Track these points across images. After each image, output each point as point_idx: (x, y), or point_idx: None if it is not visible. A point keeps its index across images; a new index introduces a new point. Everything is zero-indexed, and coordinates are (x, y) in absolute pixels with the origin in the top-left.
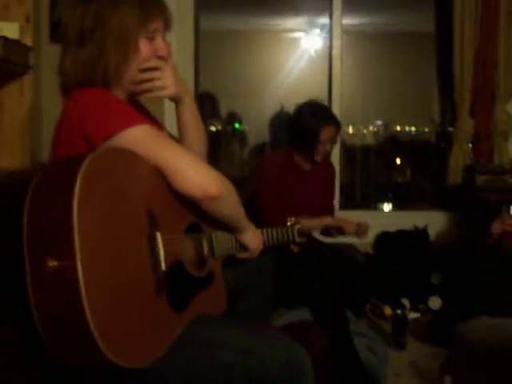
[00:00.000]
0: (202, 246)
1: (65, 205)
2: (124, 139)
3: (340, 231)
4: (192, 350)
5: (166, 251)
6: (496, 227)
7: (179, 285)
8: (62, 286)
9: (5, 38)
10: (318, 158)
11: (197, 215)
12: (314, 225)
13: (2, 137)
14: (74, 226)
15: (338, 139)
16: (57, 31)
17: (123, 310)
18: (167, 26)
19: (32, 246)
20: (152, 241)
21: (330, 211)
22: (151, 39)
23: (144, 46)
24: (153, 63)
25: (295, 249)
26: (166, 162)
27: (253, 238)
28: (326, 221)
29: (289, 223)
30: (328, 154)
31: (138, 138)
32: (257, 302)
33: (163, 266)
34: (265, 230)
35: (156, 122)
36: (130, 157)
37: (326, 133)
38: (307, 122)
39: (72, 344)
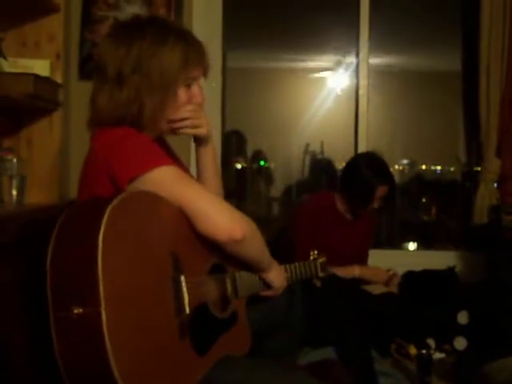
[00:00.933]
0: (225, 287)
1: (89, 251)
2: (149, 180)
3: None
4: None
5: (190, 294)
6: None
7: (203, 328)
8: (87, 333)
9: (35, 76)
10: (363, 212)
11: (220, 255)
12: (341, 274)
13: (32, 172)
14: (98, 272)
15: None
16: (85, 68)
17: (147, 356)
18: (205, 72)
19: (56, 294)
20: (176, 284)
21: (362, 260)
22: (189, 86)
23: (182, 94)
24: (191, 106)
25: (318, 283)
26: (190, 204)
27: (277, 276)
28: (354, 272)
29: (312, 257)
30: None
31: (162, 179)
32: (284, 342)
33: (187, 310)
34: (288, 266)
35: (180, 163)
36: (153, 200)
37: (380, 191)
38: (366, 176)
39: None
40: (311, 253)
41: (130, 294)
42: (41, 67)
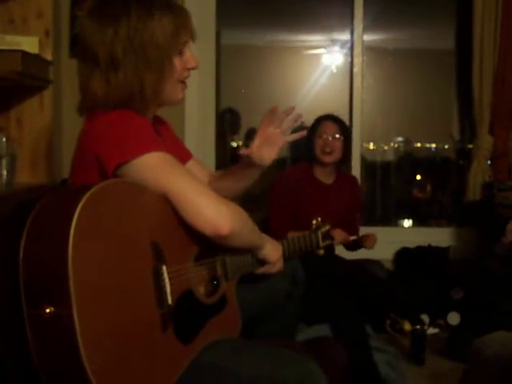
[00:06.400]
0: (215, 271)
1: (59, 248)
2: (136, 166)
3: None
4: (201, 378)
5: (172, 284)
6: (509, 235)
7: (188, 316)
8: (59, 332)
9: (23, 53)
10: (322, 157)
11: (208, 240)
12: None
13: (22, 152)
14: (68, 271)
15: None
16: (77, 46)
17: (126, 354)
18: (193, 36)
19: (28, 290)
20: (157, 275)
21: (351, 225)
22: (181, 53)
23: (177, 62)
24: None
25: (321, 252)
26: (178, 193)
27: (271, 251)
28: None
29: (314, 226)
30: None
31: (151, 165)
32: (281, 325)
33: (169, 300)
34: (285, 241)
35: (182, 148)
36: (132, 189)
37: (324, 126)
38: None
39: None
40: (314, 221)
41: (105, 291)
42: (29, 44)
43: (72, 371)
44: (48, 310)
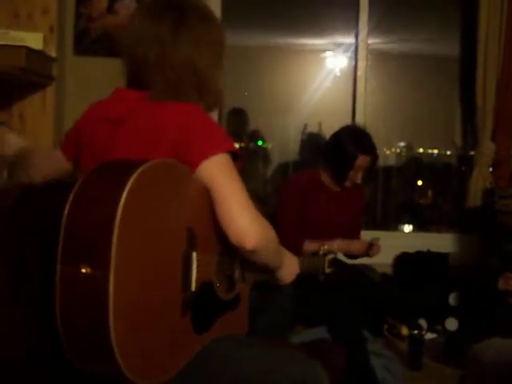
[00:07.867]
0: (233, 270)
1: (108, 214)
2: (217, 163)
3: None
4: (206, 365)
5: (198, 271)
6: (501, 285)
7: (205, 306)
8: (90, 294)
9: (28, 49)
10: (348, 184)
11: None
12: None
13: None
14: (113, 237)
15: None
16: (81, 44)
17: (147, 328)
18: None
19: (68, 246)
20: (187, 260)
21: (356, 233)
22: None
23: None
24: None
25: (321, 277)
26: (220, 194)
27: (287, 273)
28: (333, 246)
29: (321, 252)
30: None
31: (225, 163)
32: (274, 319)
33: (193, 287)
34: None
35: None
36: (180, 173)
37: (361, 160)
38: (346, 145)
39: (91, 355)
40: (321, 248)
41: (141, 263)
42: (33, 40)
43: (96, 335)
44: (84, 270)
